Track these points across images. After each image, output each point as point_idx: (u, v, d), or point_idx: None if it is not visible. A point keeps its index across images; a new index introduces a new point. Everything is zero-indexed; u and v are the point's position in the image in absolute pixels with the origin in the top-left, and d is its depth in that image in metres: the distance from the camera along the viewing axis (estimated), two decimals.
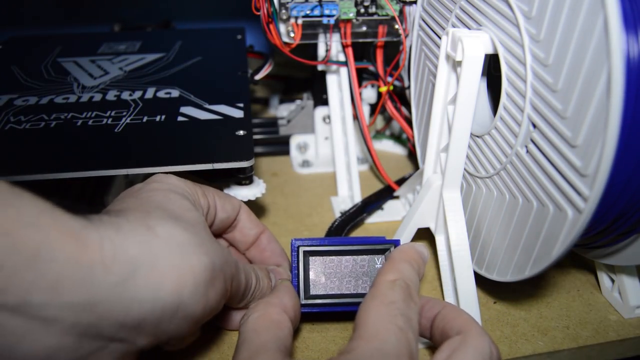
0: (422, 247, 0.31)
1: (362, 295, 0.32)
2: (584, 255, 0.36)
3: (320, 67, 0.50)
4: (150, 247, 0.24)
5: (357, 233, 0.45)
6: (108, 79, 0.47)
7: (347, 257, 0.33)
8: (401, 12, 0.47)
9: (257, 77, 0.49)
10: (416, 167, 0.51)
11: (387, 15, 0.47)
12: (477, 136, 0.35)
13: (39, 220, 0.21)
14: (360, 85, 0.50)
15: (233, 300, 0.30)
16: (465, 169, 0.37)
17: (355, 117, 0.49)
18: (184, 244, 0.25)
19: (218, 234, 0.34)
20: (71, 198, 0.38)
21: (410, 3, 0.46)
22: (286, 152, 0.57)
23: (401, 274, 0.28)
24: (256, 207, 0.48)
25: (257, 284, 0.32)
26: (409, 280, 0.28)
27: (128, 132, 0.38)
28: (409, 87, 0.47)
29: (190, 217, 0.27)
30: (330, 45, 0.47)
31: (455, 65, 0.34)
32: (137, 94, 0.44)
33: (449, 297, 0.36)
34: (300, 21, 0.45)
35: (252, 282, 0.31)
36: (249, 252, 0.36)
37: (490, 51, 0.32)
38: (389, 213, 0.48)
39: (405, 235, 0.40)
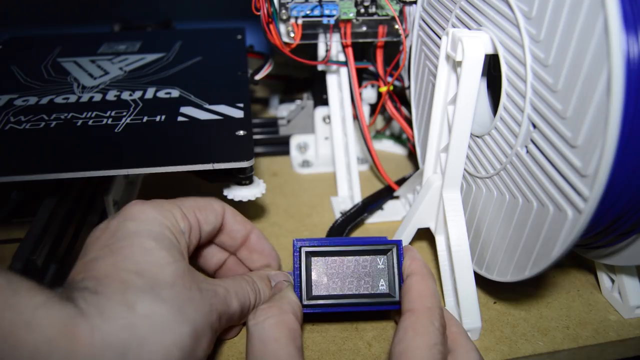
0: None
1: (365, 296, 0.32)
2: (584, 255, 0.36)
3: (320, 67, 0.50)
4: (134, 329, 0.24)
5: (357, 233, 0.45)
6: (108, 79, 0.47)
7: (349, 257, 0.33)
8: (401, 12, 0.47)
9: (257, 77, 0.49)
10: (416, 167, 0.51)
11: (387, 15, 0.47)
12: (477, 136, 0.35)
13: (35, 318, 0.21)
14: (360, 85, 0.50)
15: (232, 324, 0.30)
16: (465, 169, 0.37)
17: (355, 117, 0.49)
18: (164, 318, 0.25)
19: (208, 242, 0.34)
20: (71, 198, 0.38)
21: (410, 3, 0.46)
22: (286, 152, 0.57)
23: (435, 295, 0.30)
24: (256, 207, 0.48)
25: (257, 297, 0.32)
26: (439, 300, 0.30)
27: (128, 132, 0.38)
28: (409, 87, 0.47)
29: (168, 274, 0.26)
30: (330, 45, 0.47)
31: (455, 65, 0.34)
32: (137, 94, 0.44)
33: (449, 297, 0.36)
34: (300, 21, 0.45)
35: (249, 302, 0.31)
36: (239, 253, 0.35)
37: (490, 51, 0.32)
38: (389, 213, 0.47)
39: (405, 236, 0.40)
